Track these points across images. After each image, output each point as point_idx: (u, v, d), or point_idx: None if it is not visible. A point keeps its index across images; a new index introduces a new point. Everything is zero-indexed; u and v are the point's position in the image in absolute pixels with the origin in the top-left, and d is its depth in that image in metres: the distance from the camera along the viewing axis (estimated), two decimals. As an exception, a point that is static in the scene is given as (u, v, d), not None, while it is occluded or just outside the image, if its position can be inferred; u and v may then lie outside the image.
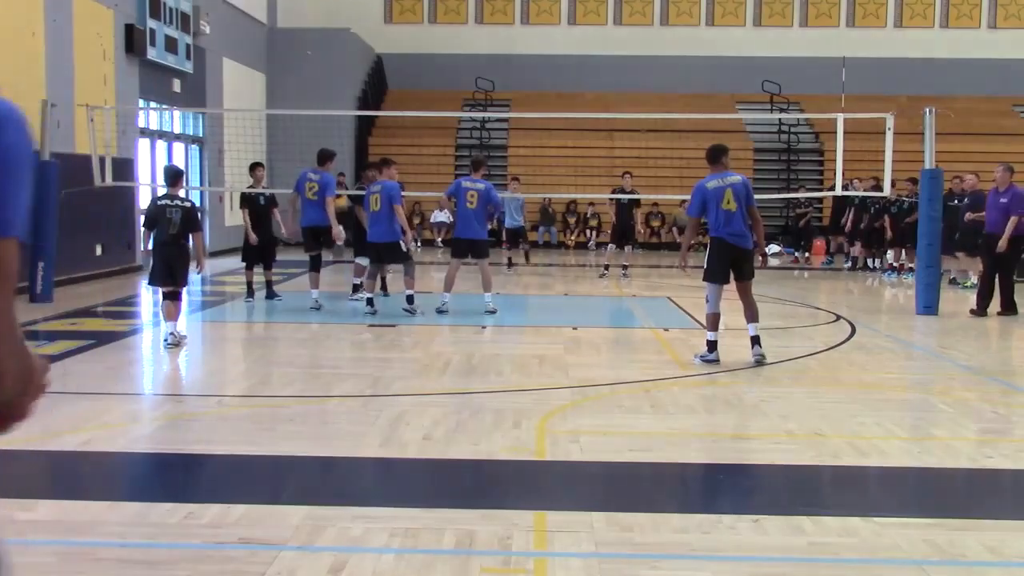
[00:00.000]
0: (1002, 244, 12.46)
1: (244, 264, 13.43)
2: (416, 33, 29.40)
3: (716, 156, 9.11)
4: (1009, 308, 12.67)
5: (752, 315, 9.04)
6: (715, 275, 8.97)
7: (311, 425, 6.63)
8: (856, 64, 27.16)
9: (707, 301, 9.06)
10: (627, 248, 17.41)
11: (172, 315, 9.60)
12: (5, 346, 1.96)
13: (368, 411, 6.95)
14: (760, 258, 9.99)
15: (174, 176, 9.87)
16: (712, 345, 8.95)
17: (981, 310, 12.60)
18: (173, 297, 9.61)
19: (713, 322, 8.98)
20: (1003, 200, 12.61)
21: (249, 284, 13.47)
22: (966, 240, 15.07)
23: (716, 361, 8.86)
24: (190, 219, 9.53)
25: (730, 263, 8.93)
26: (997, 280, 12.75)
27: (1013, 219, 12.44)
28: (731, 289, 9.16)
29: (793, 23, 29.38)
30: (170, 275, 9.55)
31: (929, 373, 9.26)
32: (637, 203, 17.48)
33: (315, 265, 12.56)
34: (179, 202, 9.56)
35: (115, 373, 8.64)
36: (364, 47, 27.93)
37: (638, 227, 17.80)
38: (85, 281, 15.19)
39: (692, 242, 9.56)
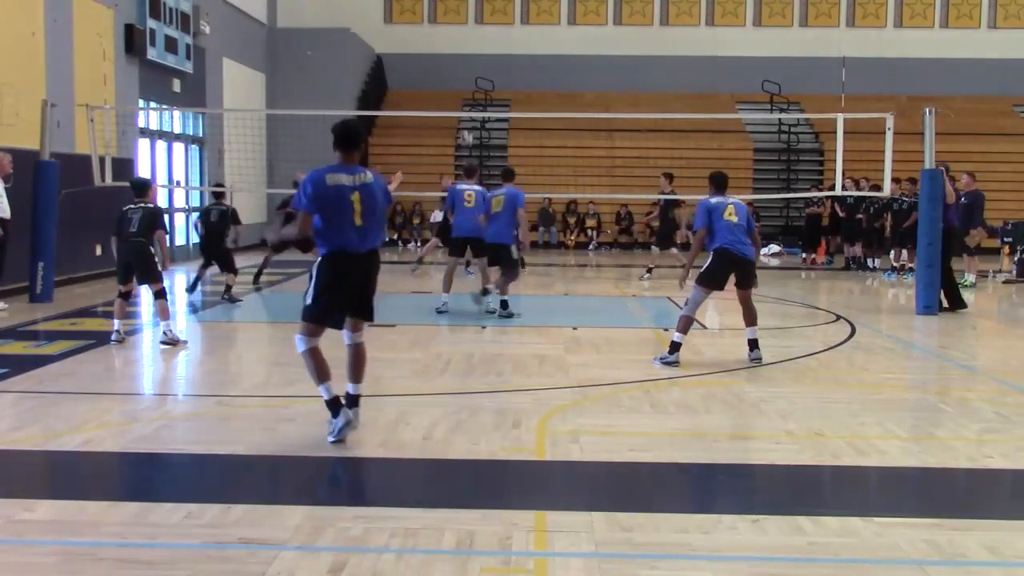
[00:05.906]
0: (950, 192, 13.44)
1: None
2: (416, 33, 29.39)
3: (725, 183, 9.19)
4: (957, 303, 13.08)
5: (751, 319, 9.06)
6: (711, 279, 8.93)
7: (311, 425, 6.62)
8: (856, 64, 27.16)
9: (686, 303, 9.03)
10: (673, 249, 16.84)
11: (164, 315, 9.73)
12: None
13: (368, 411, 6.94)
14: None
15: (140, 187, 10.10)
16: (675, 346, 8.86)
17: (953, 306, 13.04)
18: (126, 297, 9.83)
19: (685, 325, 8.93)
20: (964, 202, 14.92)
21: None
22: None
23: (676, 364, 8.76)
24: (149, 220, 9.69)
25: (732, 271, 8.93)
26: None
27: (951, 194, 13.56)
28: (731, 291, 9.18)
29: (793, 23, 29.37)
30: (127, 275, 9.73)
31: (929, 373, 9.25)
32: (676, 204, 16.88)
33: None
34: (141, 205, 9.80)
35: (115, 373, 8.65)
36: (364, 47, 27.93)
37: (680, 229, 17.00)
38: (85, 281, 15.18)
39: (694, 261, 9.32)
